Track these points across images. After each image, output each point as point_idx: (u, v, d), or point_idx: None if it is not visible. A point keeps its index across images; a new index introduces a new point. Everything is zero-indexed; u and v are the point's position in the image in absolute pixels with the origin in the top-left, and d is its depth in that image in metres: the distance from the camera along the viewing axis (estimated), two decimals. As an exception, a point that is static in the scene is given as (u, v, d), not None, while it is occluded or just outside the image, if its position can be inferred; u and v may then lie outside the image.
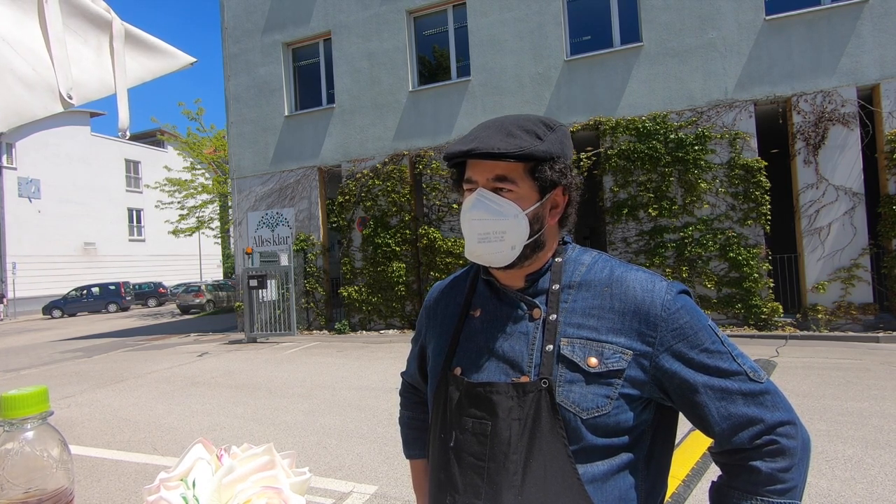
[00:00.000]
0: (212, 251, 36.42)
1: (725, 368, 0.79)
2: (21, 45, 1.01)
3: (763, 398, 0.78)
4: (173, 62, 1.29)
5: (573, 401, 0.78)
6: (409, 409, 1.17)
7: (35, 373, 9.34)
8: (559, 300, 0.85)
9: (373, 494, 3.46)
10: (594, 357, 0.79)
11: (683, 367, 0.79)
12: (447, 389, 0.89)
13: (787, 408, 0.79)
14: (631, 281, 0.83)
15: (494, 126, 0.84)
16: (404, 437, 1.17)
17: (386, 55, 11.87)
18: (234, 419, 5.38)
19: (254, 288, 11.48)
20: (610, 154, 9.92)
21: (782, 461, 0.76)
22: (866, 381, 5.59)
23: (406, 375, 1.17)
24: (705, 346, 0.79)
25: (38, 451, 0.67)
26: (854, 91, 8.62)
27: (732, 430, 0.78)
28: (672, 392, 0.80)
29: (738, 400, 0.78)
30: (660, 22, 9.74)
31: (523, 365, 0.82)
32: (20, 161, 27.49)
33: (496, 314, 0.89)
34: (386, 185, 11.67)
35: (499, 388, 0.81)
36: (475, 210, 0.83)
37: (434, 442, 0.91)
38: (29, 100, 1.02)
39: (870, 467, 3.44)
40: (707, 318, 0.83)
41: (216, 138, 21.41)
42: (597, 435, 0.78)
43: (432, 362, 0.96)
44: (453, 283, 1.03)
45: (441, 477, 0.87)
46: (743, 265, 9.01)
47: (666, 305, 0.80)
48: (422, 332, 1.06)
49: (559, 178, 0.85)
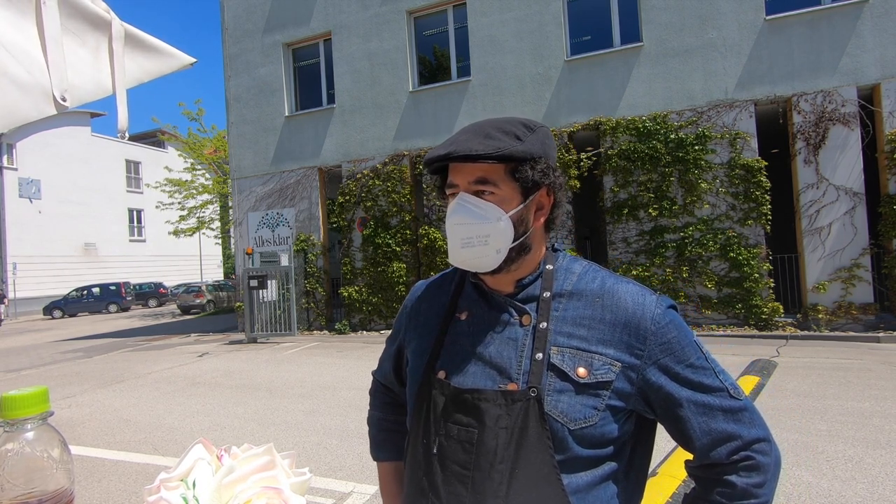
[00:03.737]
0: (212, 251, 36.42)
1: (708, 384, 0.80)
2: (16, 47, 1.01)
3: (742, 415, 0.79)
4: (173, 62, 1.29)
5: (561, 411, 0.77)
6: (380, 410, 1.13)
7: (35, 373, 9.34)
8: (550, 308, 0.83)
9: (373, 494, 3.46)
10: (583, 367, 0.79)
11: (669, 381, 0.79)
12: (430, 393, 0.86)
13: (763, 425, 0.80)
14: (622, 293, 0.83)
15: (473, 129, 0.83)
16: (373, 439, 1.12)
17: (386, 55, 11.87)
18: (235, 419, 5.38)
19: (254, 288, 11.48)
20: (610, 154, 9.92)
21: (757, 477, 0.77)
22: (867, 380, 5.59)
23: (378, 375, 1.13)
24: (691, 361, 0.80)
25: (39, 452, 0.67)
26: (854, 91, 8.62)
27: (712, 444, 0.79)
28: (656, 405, 0.81)
29: (719, 416, 0.79)
30: (660, 22, 9.74)
31: (511, 372, 0.81)
32: (21, 161, 27.50)
33: (484, 318, 0.87)
34: (386, 186, 11.67)
35: (486, 396, 0.80)
36: (457, 214, 0.82)
37: (415, 447, 0.88)
38: (22, 102, 1.02)
39: (870, 467, 3.44)
40: (693, 334, 0.83)
41: (217, 139, 21.42)
42: (583, 446, 0.78)
43: (413, 363, 0.94)
44: (439, 283, 1.00)
45: (423, 484, 0.85)
46: (743, 265, 9.01)
47: (656, 319, 0.80)
48: (400, 331, 1.02)
49: (541, 179, 0.83)
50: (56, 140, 29.09)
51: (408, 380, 0.95)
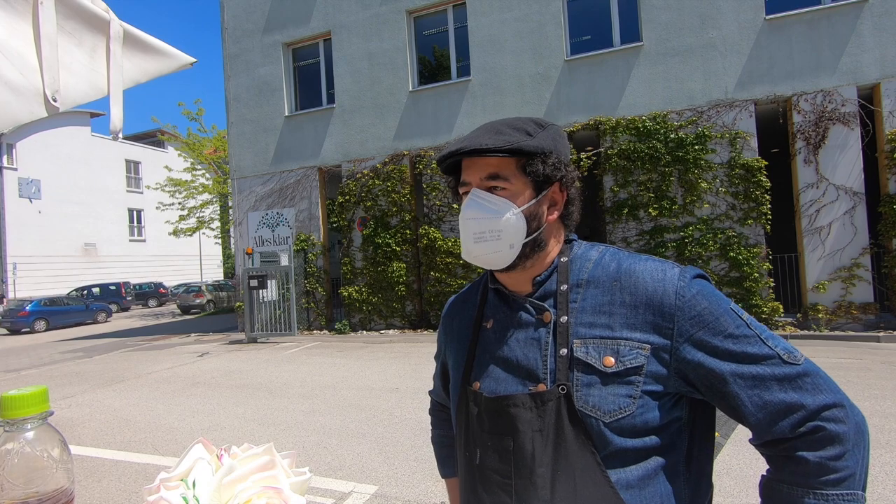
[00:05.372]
0: (212, 251, 36.42)
1: (754, 353, 0.72)
2: (10, 49, 1.00)
3: (802, 381, 0.71)
4: (172, 62, 1.29)
5: (593, 405, 0.74)
6: (439, 428, 1.15)
7: (35, 373, 9.34)
8: (568, 300, 0.81)
9: (373, 494, 3.46)
10: (610, 356, 0.75)
11: (707, 357, 0.73)
12: (468, 406, 0.87)
13: (833, 389, 0.71)
14: (640, 272, 0.79)
15: (484, 127, 0.84)
16: (438, 457, 1.15)
17: (386, 55, 11.87)
18: (235, 419, 5.38)
19: (254, 288, 11.48)
20: (610, 154, 9.92)
21: (832, 448, 0.69)
22: (867, 380, 5.59)
23: (433, 394, 1.16)
24: (729, 331, 0.74)
25: (39, 452, 0.67)
26: (854, 90, 8.62)
27: (770, 419, 0.71)
28: (699, 384, 0.75)
29: (773, 386, 0.71)
30: (660, 21, 9.74)
31: (538, 373, 0.79)
32: (21, 161, 27.48)
33: (507, 323, 0.87)
34: (386, 185, 11.67)
35: (516, 401, 0.79)
36: (469, 209, 0.83)
37: (460, 460, 0.89)
38: (14, 105, 1.02)
39: (871, 467, 3.43)
40: (729, 302, 0.77)
41: (216, 139, 21.41)
42: (624, 437, 0.74)
43: (452, 378, 0.95)
44: (466, 296, 1.01)
45: (469, 497, 0.85)
46: (743, 265, 9.01)
47: (680, 293, 0.75)
48: (441, 347, 1.04)
49: (553, 173, 0.82)
50: (56, 140, 29.06)
51: (450, 395, 0.96)
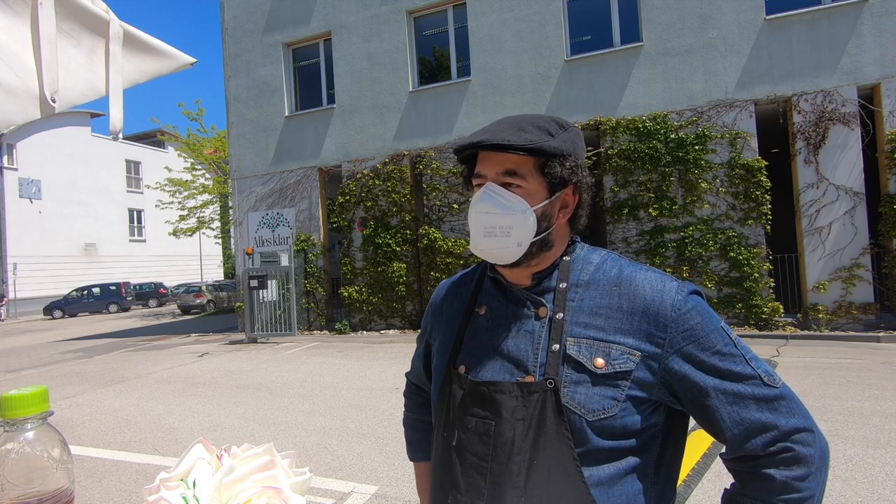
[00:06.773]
0: (212, 251, 36.43)
1: (738, 372, 0.76)
2: (7, 50, 1.00)
3: (777, 403, 0.75)
4: (172, 63, 1.29)
5: (579, 402, 0.76)
6: (413, 411, 1.15)
7: (36, 373, 9.34)
8: (566, 298, 0.83)
9: (373, 494, 3.46)
10: (601, 357, 0.77)
11: (694, 370, 0.77)
12: (451, 387, 0.88)
13: (804, 414, 0.76)
14: (640, 280, 0.81)
15: (506, 122, 0.84)
16: (408, 439, 1.15)
17: (386, 55, 11.87)
18: (235, 419, 5.38)
19: (254, 288, 11.48)
20: (610, 154, 9.92)
21: (798, 469, 0.73)
22: (867, 380, 5.59)
23: (411, 375, 1.15)
24: (717, 348, 0.77)
25: (39, 452, 0.67)
26: (854, 90, 8.62)
27: (745, 435, 0.75)
28: (682, 395, 0.78)
29: (751, 405, 0.75)
30: (660, 22, 9.74)
31: (528, 364, 0.81)
32: (21, 161, 27.50)
33: (502, 312, 0.88)
34: (386, 186, 11.67)
35: (503, 388, 0.80)
36: (482, 203, 0.83)
37: (437, 440, 0.90)
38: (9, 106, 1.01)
39: (871, 467, 3.44)
40: (720, 320, 0.80)
41: (217, 139, 21.42)
42: (603, 437, 0.76)
43: (437, 360, 0.95)
44: (460, 281, 1.01)
45: (443, 476, 0.86)
46: (743, 265, 9.01)
47: (676, 306, 0.78)
48: (427, 329, 1.05)
49: (569, 176, 0.83)
50: (56, 140, 29.08)
51: (432, 376, 0.96)
